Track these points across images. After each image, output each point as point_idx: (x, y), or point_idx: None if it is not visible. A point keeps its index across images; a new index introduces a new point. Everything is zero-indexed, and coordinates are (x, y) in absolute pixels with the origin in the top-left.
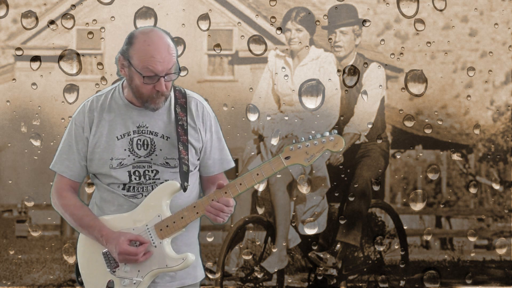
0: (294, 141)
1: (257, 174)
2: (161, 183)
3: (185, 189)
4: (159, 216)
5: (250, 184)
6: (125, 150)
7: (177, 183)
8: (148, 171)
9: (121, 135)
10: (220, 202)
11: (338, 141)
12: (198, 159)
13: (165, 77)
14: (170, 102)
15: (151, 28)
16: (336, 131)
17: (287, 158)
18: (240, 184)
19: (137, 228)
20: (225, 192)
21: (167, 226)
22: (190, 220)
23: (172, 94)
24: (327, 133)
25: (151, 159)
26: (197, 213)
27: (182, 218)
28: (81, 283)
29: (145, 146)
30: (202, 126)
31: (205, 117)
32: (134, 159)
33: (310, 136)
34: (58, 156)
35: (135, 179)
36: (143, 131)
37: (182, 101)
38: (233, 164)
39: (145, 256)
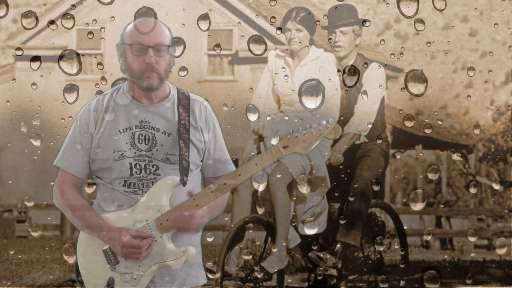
0: (292, 131)
1: (256, 164)
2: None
3: (184, 184)
4: (159, 210)
5: (249, 174)
6: (126, 143)
7: (176, 177)
8: (149, 165)
9: (123, 129)
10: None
11: (335, 128)
12: (201, 161)
13: (153, 47)
14: (174, 103)
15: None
16: (332, 119)
17: (285, 147)
18: (239, 174)
19: (138, 224)
20: (224, 184)
21: (167, 220)
22: None
23: (175, 95)
24: (324, 122)
25: (152, 154)
26: (197, 205)
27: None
28: (81, 283)
29: (146, 140)
30: (205, 127)
31: (208, 119)
32: (135, 153)
33: (307, 125)
34: (63, 152)
35: (136, 172)
36: (145, 126)
37: (185, 103)
38: (233, 167)
39: (147, 251)
